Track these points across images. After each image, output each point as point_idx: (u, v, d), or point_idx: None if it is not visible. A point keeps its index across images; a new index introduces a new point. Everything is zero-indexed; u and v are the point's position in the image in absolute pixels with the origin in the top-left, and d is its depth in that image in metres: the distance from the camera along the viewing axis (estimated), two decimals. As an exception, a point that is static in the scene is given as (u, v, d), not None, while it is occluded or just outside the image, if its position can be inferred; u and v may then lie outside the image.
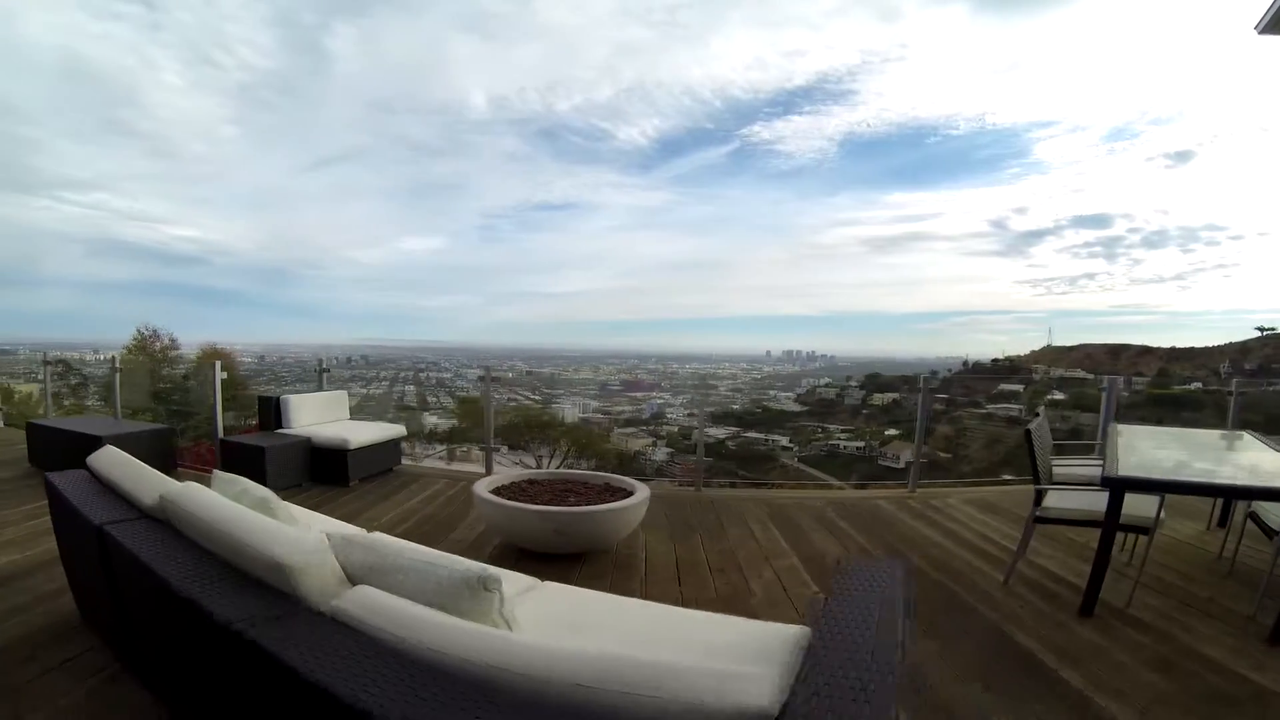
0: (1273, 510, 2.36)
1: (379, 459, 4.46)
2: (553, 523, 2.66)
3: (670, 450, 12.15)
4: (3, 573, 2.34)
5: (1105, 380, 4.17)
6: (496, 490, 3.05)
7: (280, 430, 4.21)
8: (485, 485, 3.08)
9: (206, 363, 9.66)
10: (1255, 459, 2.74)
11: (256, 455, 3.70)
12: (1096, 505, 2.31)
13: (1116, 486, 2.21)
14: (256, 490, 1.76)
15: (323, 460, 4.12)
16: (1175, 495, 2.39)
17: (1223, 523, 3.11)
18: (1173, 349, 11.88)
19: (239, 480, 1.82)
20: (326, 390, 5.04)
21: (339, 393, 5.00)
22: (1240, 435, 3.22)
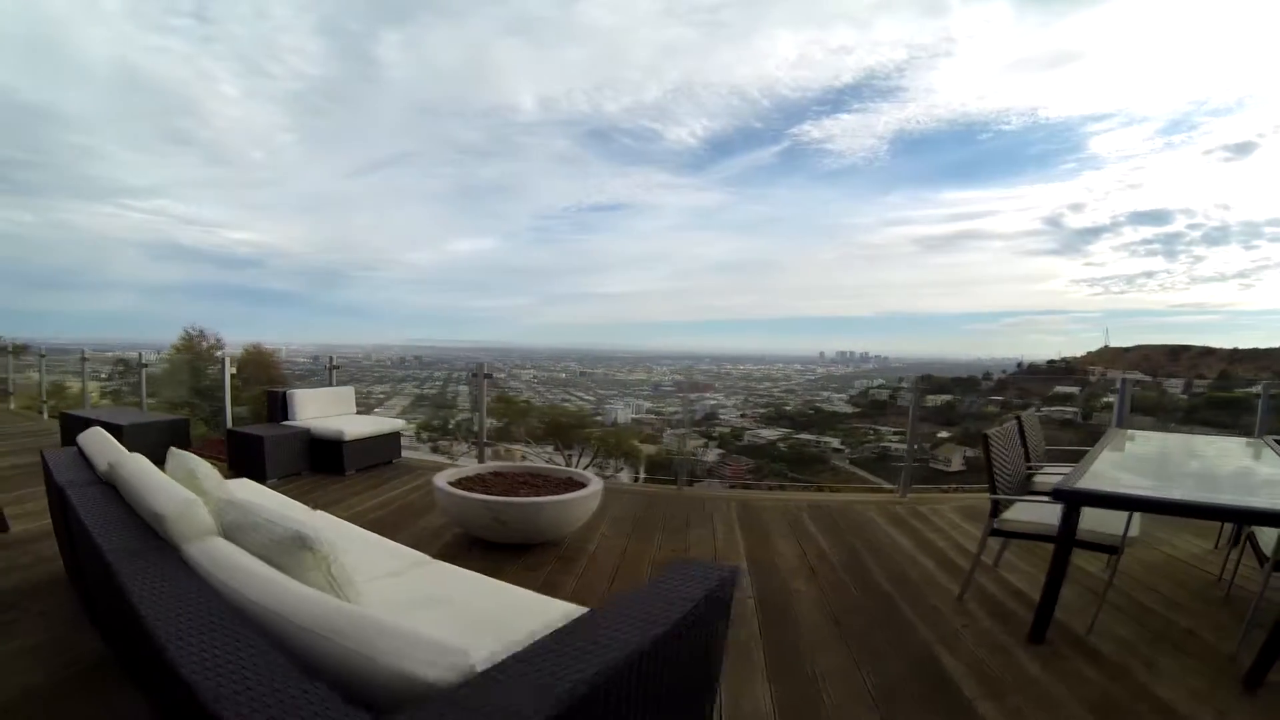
0: (1270, 533, 2.18)
1: (377, 451, 4.83)
2: (493, 511, 2.84)
3: (722, 451, 12.33)
4: (16, 537, 2.78)
5: (1118, 380, 3.92)
6: (461, 481, 3.27)
7: (284, 422, 4.64)
8: (449, 475, 3.31)
9: (248, 360, 10.55)
10: (1255, 470, 2.55)
11: (257, 445, 4.12)
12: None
13: (1069, 500, 2.08)
14: (202, 466, 2.04)
15: (321, 451, 4.52)
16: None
17: (1236, 541, 2.88)
18: (1235, 350, 11.23)
19: (190, 458, 2.11)
20: (334, 386, 5.48)
21: (346, 388, 5.43)
22: (1260, 443, 2.99)
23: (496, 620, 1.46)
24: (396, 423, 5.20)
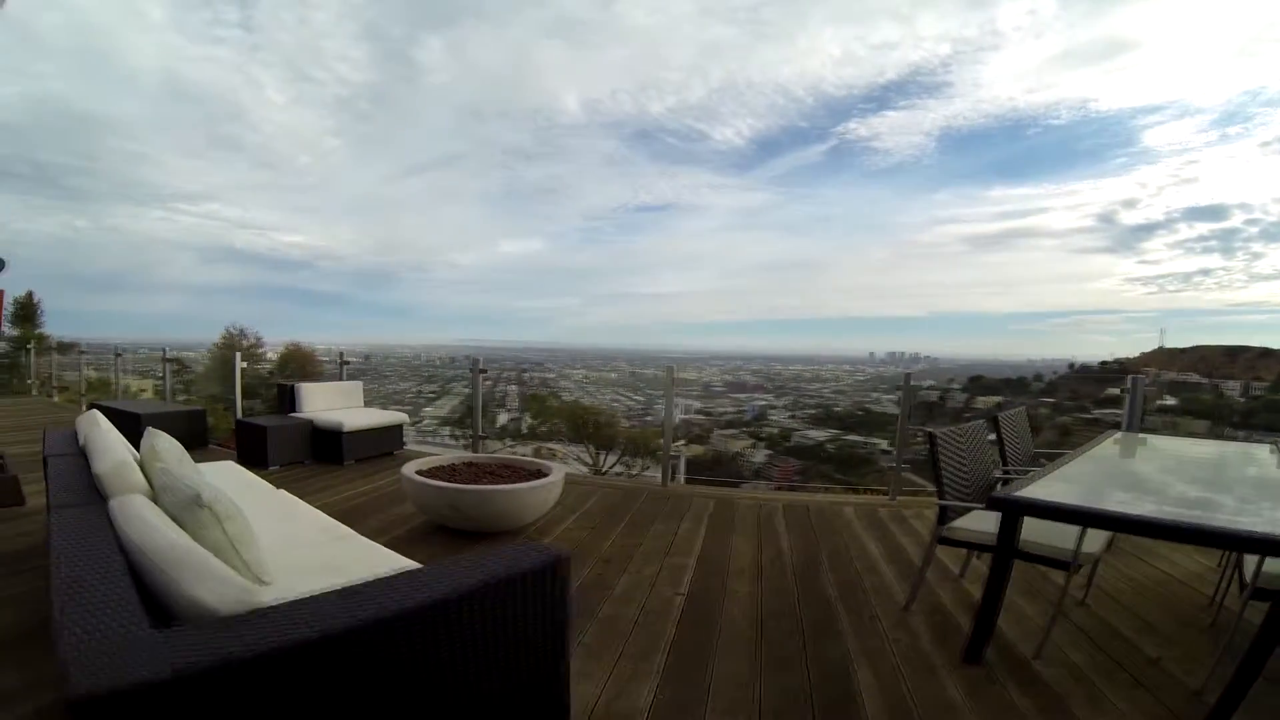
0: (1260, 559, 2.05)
1: (377, 443, 5.19)
2: (447, 498, 3.05)
3: (770, 452, 12.53)
4: (31, 508, 3.22)
5: (1130, 380, 3.73)
6: (432, 470, 3.51)
7: (291, 414, 5.06)
8: (422, 464, 3.56)
9: (289, 357, 11.35)
10: (1244, 478, 2.42)
11: (260, 434, 4.54)
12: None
13: (1003, 508, 2.00)
14: (164, 441, 2.33)
15: (323, 441, 4.91)
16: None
17: (1239, 561, 2.72)
18: (1297, 351, 10.09)
19: (160, 436, 2.41)
20: (343, 381, 5.90)
21: (354, 383, 5.85)
22: (1263, 448, 2.82)
23: (348, 573, 1.65)
24: (399, 416, 5.56)
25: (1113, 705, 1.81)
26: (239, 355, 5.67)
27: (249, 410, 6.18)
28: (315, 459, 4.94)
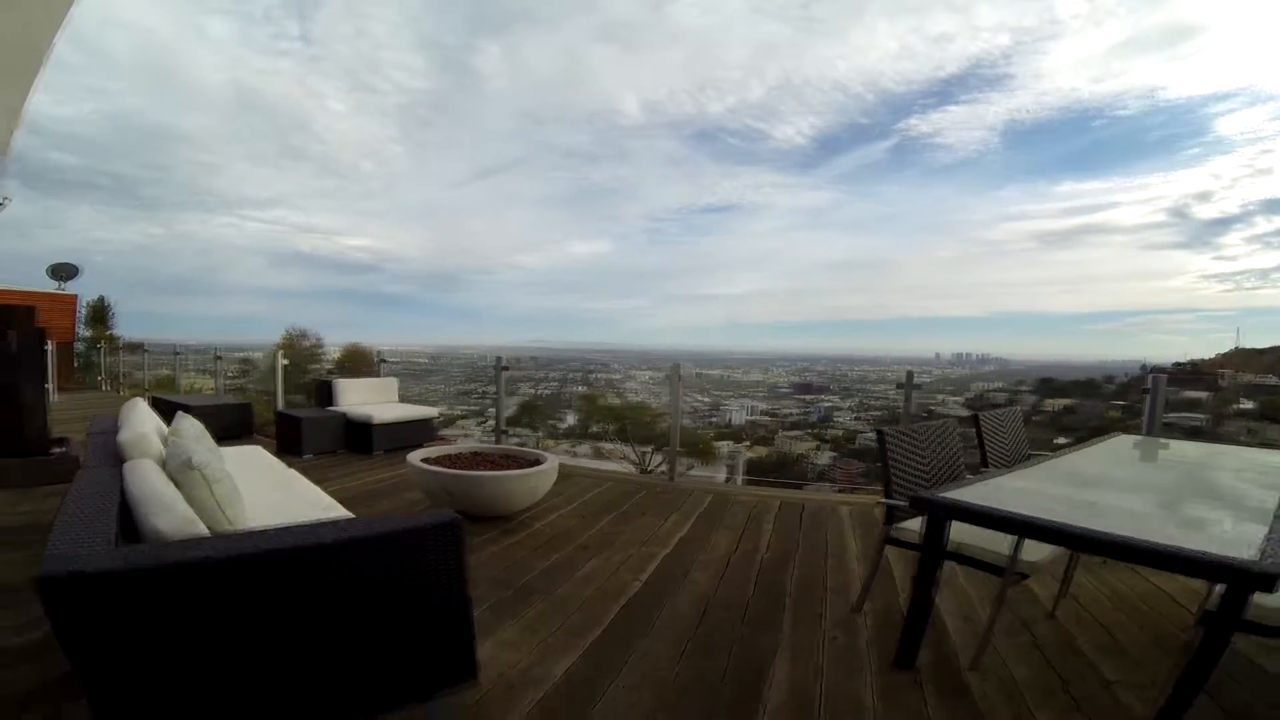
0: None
1: (408, 435, 5.68)
2: (440, 482, 3.39)
3: (835, 454, 12.76)
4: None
5: (1150, 378, 3.55)
6: (439, 458, 3.88)
7: (328, 408, 5.64)
8: (431, 451, 3.93)
9: (348, 356, 12.36)
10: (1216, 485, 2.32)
11: (295, 425, 5.11)
12: (970, 535, 2.06)
13: (925, 509, 1.99)
14: (186, 422, 2.79)
15: (355, 433, 5.44)
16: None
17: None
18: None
19: (185, 418, 2.88)
20: (380, 378, 6.48)
21: (389, 379, 6.42)
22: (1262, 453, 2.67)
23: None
24: (428, 410, 6.05)
25: (1040, 728, 1.73)
26: (279, 353, 6.38)
27: (297, 404, 6.89)
28: (348, 449, 5.50)
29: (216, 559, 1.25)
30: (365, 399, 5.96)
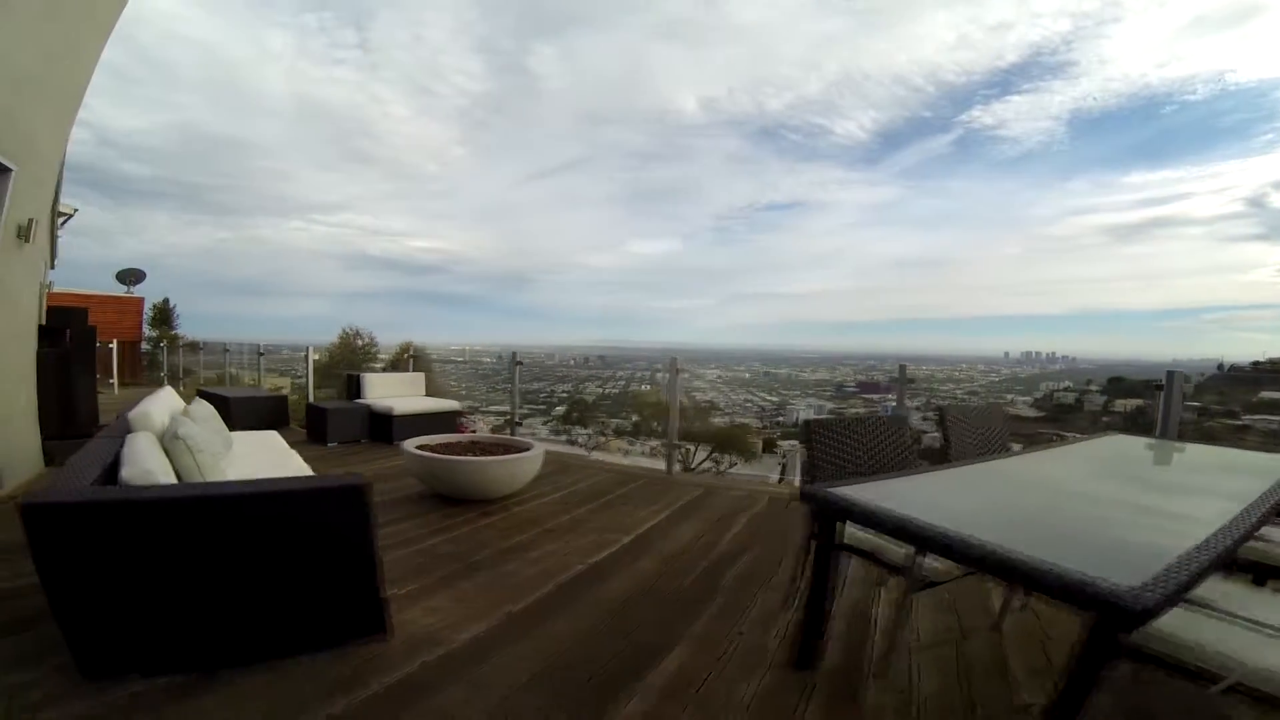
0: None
1: (429, 426, 6.13)
2: (426, 465, 3.74)
3: None
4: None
5: (1166, 375, 3.37)
6: (438, 445, 4.26)
7: (355, 400, 6.21)
8: (430, 439, 4.32)
9: (401, 355, 13.24)
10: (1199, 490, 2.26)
11: (322, 416, 5.69)
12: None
13: (811, 502, 1.99)
14: (199, 405, 3.29)
15: (379, 424, 5.97)
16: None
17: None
18: None
19: (201, 403, 3.38)
20: (409, 372, 7.03)
21: (417, 374, 6.97)
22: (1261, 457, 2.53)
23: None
24: (451, 404, 6.52)
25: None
26: (310, 349, 7.10)
27: (333, 397, 7.59)
28: (372, 439, 6.04)
29: (141, 500, 1.60)
30: (391, 392, 6.51)
